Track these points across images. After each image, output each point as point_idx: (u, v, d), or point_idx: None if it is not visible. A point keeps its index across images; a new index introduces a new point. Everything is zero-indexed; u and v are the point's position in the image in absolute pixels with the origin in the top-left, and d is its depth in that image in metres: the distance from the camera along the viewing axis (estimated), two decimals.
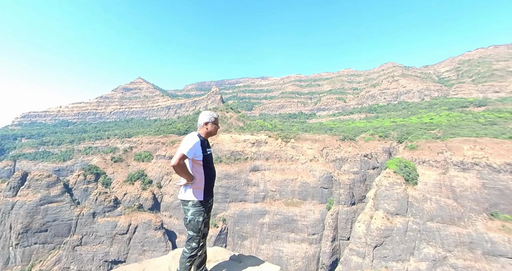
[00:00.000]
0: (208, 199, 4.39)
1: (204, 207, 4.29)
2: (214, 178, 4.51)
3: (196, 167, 4.26)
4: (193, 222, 4.19)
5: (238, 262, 4.97)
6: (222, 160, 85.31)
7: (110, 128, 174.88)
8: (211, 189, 4.44)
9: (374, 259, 57.31)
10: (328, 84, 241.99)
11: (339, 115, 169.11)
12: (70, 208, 76.27)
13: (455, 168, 60.12)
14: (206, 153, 4.37)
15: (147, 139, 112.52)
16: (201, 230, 4.30)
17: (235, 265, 4.70)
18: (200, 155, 4.24)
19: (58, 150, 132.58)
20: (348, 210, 70.47)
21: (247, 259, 4.99)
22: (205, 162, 4.32)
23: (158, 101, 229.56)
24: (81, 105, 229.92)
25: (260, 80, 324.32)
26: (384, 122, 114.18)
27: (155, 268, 4.70)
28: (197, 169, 4.26)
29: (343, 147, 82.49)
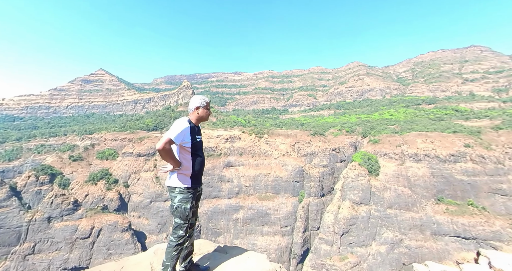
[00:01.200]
0: (196, 187, 4.21)
1: (192, 194, 4.12)
2: (203, 165, 4.34)
3: (184, 153, 4.10)
4: (180, 209, 4.02)
5: (224, 253, 4.91)
6: None
7: (67, 124, 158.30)
8: (199, 177, 4.29)
9: (341, 246, 61.56)
10: (300, 81, 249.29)
11: (310, 111, 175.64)
12: (19, 213, 67.78)
13: (410, 159, 66.81)
14: (196, 140, 4.22)
15: (112, 135, 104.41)
16: (189, 218, 4.12)
17: (221, 256, 4.65)
18: (189, 141, 4.08)
19: (1, 148, 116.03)
20: (318, 202, 74.17)
21: (232, 250, 4.98)
22: (193, 149, 4.16)
23: (124, 95, 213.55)
24: (30, 98, 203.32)
25: (233, 75, 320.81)
26: (350, 118, 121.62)
27: (135, 265, 4.40)
28: (185, 156, 4.10)
29: (313, 142, 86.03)
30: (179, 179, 4.03)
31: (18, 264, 61.09)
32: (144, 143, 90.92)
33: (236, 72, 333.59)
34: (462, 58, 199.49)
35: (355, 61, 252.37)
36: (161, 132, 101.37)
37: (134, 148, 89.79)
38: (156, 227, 75.64)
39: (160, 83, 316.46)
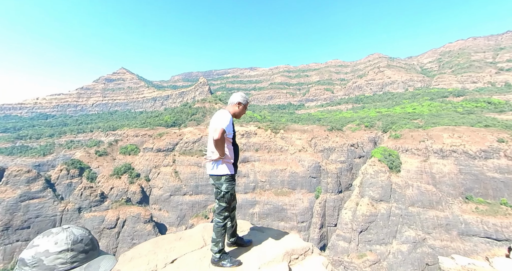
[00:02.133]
0: (236, 173, 4.55)
1: (234, 181, 4.50)
2: (239, 155, 4.66)
3: (227, 143, 4.38)
4: (227, 195, 4.37)
5: (261, 232, 5.38)
6: None
7: (93, 121, 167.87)
8: (237, 165, 4.60)
9: (360, 243, 60.25)
10: (316, 75, 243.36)
11: (327, 106, 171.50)
12: (53, 203, 73.72)
13: (435, 155, 63.21)
14: (235, 131, 4.60)
15: (133, 131, 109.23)
16: (232, 201, 4.54)
17: (259, 233, 5.18)
18: (231, 132, 4.40)
19: (37, 144, 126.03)
20: (335, 198, 72.88)
21: (268, 230, 5.46)
22: (233, 140, 4.52)
23: (143, 92, 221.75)
24: (60, 97, 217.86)
25: (248, 71, 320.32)
26: (370, 113, 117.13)
27: (190, 237, 5.12)
28: (228, 145, 4.40)
29: (330, 137, 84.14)
30: (227, 168, 4.31)
31: None
32: (163, 139, 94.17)
33: (251, 68, 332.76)
34: (496, 46, 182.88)
35: (375, 53, 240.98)
36: (179, 129, 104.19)
37: (154, 143, 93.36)
38: (176, 219, 78.72)
39: (177, 80, 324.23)
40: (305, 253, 4.08)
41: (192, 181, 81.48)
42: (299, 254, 3.99)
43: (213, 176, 4.43)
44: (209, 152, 4.40)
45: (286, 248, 4.07)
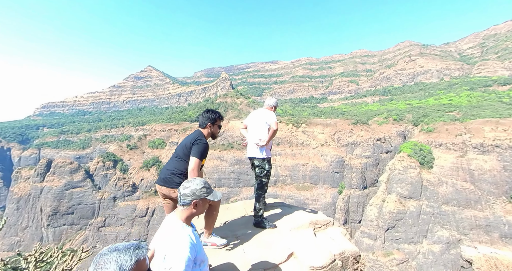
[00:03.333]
0: None
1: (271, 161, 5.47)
2: None
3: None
4: (268, 173, 5.18)
5: (289, 207, 6.21)
6: (234, 146, 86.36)
7: (124, 117, 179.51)
8: None
9: (386, 241, 57.98)
10: (340, 66, 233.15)
11: (352, 99, 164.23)
12: (92, 192, 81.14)
13: (474, 150, 57.85)
14: None
15: (160, 126, 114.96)
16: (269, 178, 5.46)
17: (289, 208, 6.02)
18: None
19: (77, 138, 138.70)
20: (360, 194, 70.53)
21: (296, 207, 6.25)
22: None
23: (169, 89, 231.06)
24: (95, 95, 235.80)
25: (269, 65, 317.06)
26: (399, 105, 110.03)
27: (235, 208, 6.35)
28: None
29: (355, 131, 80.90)
30: (269, 152, 5.12)
31: (94, 234, 73.82)
32: (187, 133, 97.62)
33: (272, 61, 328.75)
34: None
35: (406, 40, 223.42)
36: None
37: (179, 137, 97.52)
38: None
39: (200, 76, 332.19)
40: (327, 224, 4.97)
41: (215, 174, 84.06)
42: (322, 224, 4.86)
43: (259, 159, 5.07)
44: (256, 139, 5.00)
45: (312, 219, 4.93)
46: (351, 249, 4.13)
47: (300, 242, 4.06)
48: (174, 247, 1.98)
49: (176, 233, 2.10)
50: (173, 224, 2.23)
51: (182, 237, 2.05)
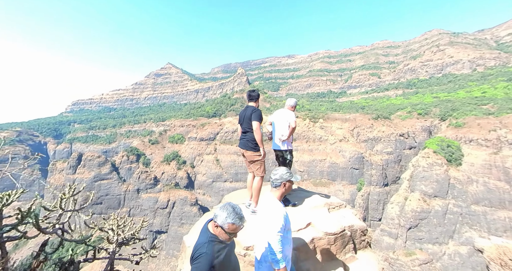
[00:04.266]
0: None
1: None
2: None
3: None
4: (290, 162, 5.92)
5: (306, 191, 6.83)
6: None
7: (145, 113, 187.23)
8: None
9: (408, 241, 55.85)
10: (361, 59, 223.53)
11: (373, 93, 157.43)
12: (118, 184, 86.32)
13: (510, 147, 53.29)
14: None
15: (179, 122, 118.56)
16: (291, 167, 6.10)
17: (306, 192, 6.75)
18: None
19: (103, 133, 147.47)
20: (380, 191, 68.22)
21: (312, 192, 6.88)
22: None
23: (187, 85, 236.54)
24: (119, 92, 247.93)
25: (286, 59, 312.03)
26: (424, 98, 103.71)
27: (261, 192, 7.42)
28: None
29: (376, 126, 77.80)
30: (289, 144, 5.84)
31: None
32: (205, 129, 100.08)
33: (289, 56, 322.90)
34: None
35: (434, 29, 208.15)
36: (219, 119, 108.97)
37: (197, 133, 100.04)
38: (218, 204, 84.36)
39: (217, 72, 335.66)
40: (340, 206, 5.64)
41: (232, 169, 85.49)
42: (336, 205, 5.57)
43: (282, 150, 5.76)
44: (279, 134, 5.62)
45: (327, 201, 5.68)
46: (360, 224, 4.86)
47: (316, 216, 4.84)
48: (275, 216, 2.86)
49: (275, 207, 2.99)
50: (271, 201, 3.10)
51: (279, 210, 2.95)
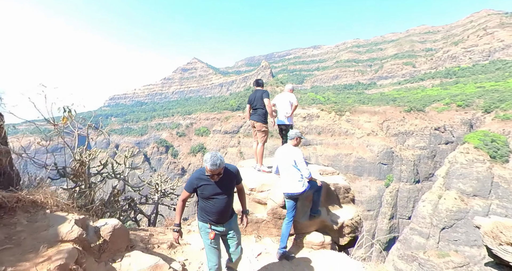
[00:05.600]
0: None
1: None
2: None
3: None
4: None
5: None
6: (273, 134, 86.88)
7: (173, 107, 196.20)
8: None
9: (441, 241, 52.56)
10: (394, 47, 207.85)
11: (406, 83, 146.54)
12: (149, 174, 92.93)
13: None
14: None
15: (204, 115, 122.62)
16: None
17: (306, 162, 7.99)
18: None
19: (136, 126, 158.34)
20: (411, 188, 64.60)
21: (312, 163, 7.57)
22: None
23: (212, 79, 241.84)
24: (150, 87, 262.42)
25: (311, 50, 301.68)
26: (466, 88, 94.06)
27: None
28: None
29: (408, 119, 72.94)
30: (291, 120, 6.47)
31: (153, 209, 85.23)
32: (229, 122, 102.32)
33: (314, 46, 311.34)
34: None
35: (482, 9, 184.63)
36: (243, 112, 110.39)
37: (221, 126, 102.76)
38: None
39: (241, 65, 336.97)
40: (333, 173, 6.38)
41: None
42: (329, 172, 6.34)
43: (286, 125, 6.35)
44: (284, 112, 6.27)
45: (321, 168, 6.43)
46: (344, 183, 5.77)
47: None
48: (299, 155, 4.19)
49: (296, 150, 4.28)
50: (289, 146, 4.42)
51: (299, 151, 4.27)
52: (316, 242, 4.54)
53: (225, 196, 2.83)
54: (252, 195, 5.10)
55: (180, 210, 3.04)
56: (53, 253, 2.37)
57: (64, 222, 2.84)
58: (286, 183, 4.24)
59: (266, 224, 4.88)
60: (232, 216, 3.04)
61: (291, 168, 4.20)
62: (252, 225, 4.90)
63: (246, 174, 5.57)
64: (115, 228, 3.26)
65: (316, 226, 4.81)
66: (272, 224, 4.84)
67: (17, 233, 2.54)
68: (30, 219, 2.78)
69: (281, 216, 4.70)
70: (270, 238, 4.72)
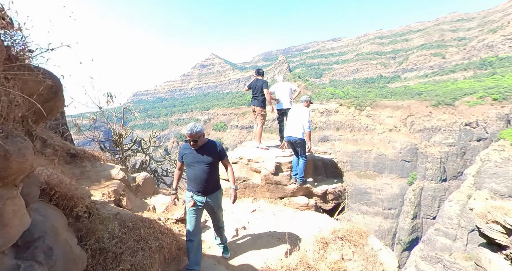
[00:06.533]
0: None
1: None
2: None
3: None
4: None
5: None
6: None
7: (192, 103, 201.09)
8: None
9: (469, 244, 49.47)
10: (421, 37, 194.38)
11: (434, 76, 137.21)
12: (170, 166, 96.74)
13: None
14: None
15: (222, 110, 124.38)
16: None
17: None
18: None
19: (157, 121, 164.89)
20: (437, 187, 61.20)
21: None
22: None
23: (229, 75, 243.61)
24: (170, 83, 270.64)
25: (331, 43, 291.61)
26: (504, 80, 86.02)
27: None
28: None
29: (435, 114, 68.63)
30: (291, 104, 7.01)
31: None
32: (246, 117, 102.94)
33: (334, 39, 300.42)
34: None
35: None
36: None
37: (239, 121, 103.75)
38: None
39: (258, 60, 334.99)
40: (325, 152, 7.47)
41: None
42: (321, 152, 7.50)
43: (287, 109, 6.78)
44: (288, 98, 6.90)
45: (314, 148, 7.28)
46: (332, 160, 6.75)
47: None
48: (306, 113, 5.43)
49: (306, 109, 5.53)
50: (301, 106, 5.70)
51: (308, 110, 5.50)
52: (301, 203, 5.46)
53: (204, 165, 3.05)
54: (250, 165, 6.10)
55: (176, 177, 3.37)
56: (109, 184, 3.93)
57: (114, 169, 4.38)
58: (289, 129, 5.45)
59: (261, 189, 5.83)
60: (215, 191, 3.22)
61: (297, 120, 5.38)
62: (250, 189, 5.90)
63: (247, 150, 6.80)
64: (145, 178, 4.80)
65: (303, 192, 5.68)
66: (266, 189, 5.80)
67: (86, 171, 4.10)
68: (92, 165, 4.35)
69: (272, 181, 5.70)
70: (264, 200, 5.71)
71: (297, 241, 4.04)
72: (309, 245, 3.95)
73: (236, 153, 6.71)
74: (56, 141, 4.14)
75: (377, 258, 3.80)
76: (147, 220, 3.33)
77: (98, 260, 2.26)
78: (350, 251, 3.82)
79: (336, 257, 3.66)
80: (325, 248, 3.86)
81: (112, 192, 3.65)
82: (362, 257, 3.75)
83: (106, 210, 3.07)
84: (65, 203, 2.30)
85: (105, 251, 2.34)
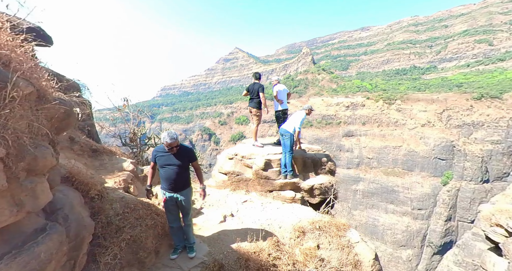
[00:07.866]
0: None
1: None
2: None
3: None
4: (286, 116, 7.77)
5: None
6: (313, 124, 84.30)
7: (216, 96, 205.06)
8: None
9: None
10: (463, 22, 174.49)
11: (478, 65, 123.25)
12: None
13: None
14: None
15: (244, 104, 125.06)
16: None
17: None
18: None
19: (183, 114, 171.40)
20: (476, 188, 55.96)
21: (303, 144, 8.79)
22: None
23: (252, 68, 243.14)
24: (195, 78, 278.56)
25: (359, 33, 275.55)
26: None
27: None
28: None
29: (477, 108, 62.11)
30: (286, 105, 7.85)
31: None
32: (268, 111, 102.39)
33: (363, 28, 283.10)
34: None
35: None
36: None
37: None
38: None
39: (281, 53, 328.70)
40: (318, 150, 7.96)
41: None
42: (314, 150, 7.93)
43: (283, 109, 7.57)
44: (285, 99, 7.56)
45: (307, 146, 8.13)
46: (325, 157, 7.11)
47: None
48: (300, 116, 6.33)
49: (302, 113, 6.45)
50: (301, 112, 6.49)
51: (303, 114, 6.42)
52: (288, 196, 5.94)
53: (175, 167, 3.39)
54: (243, 161, 6.70)
55: (150, 175, 3.71)
56: (120, 174, 4.88)
57: (125, 162, 5.36)
58: (285, 125, 6.37)
59: (253, 182, 6.41)
60: (185, 188, 3.56)
61: (293, 120, 6.31)
62: (243, 182, 6.53)
63: (243, 147, 7.47)
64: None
65: (290, 186, 6.16)
66: (257, 182, 6.36)
67: (104, 164, 5.11)
68: (109, 159, 5.35)
69: (262, 176, 6.26)
70: (256, 192, 6.26)
71: (277, 228, 4.60)
72: (287, 233, 4.42)
73: (232, 149, 7.38)
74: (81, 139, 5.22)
75: (352, 249, 4.13)
76: (147, 203, 3.95)
77: (106, 230, 3.11)
78: (326, 240, 4.19)
79: (312, 245, 4.01)
80: (302, 237, 4.30)
81: (122, 181, 4.54)
82: (338, 246, 4.10)
83: (115, 194, 3.77)
84: (82, 187, 3.17)
85: (111, 224, 3.18)
